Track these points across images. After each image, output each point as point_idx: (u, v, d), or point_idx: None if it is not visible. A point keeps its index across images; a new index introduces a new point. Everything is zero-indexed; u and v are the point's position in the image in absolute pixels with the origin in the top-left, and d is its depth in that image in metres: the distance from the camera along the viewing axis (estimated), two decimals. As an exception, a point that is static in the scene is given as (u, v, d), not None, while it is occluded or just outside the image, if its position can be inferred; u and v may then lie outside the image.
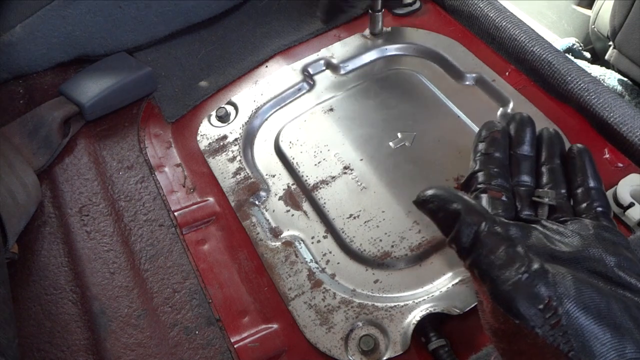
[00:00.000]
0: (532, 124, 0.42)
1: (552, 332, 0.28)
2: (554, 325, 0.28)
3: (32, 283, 0.53)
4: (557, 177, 0.40)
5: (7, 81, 0.70)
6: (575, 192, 0.39)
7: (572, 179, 0.40)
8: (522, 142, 0.41)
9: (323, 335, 0.47)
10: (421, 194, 0.34)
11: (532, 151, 0.41)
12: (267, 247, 0.53)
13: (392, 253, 0.50)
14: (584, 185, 0.39)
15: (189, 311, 0.50)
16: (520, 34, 0.63)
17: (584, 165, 0.40)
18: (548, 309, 0.28)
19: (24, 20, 0.67)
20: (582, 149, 0.41)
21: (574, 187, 0.39)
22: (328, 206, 0.54)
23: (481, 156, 0.39)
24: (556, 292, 0.29)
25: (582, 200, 0.38)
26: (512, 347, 0.30)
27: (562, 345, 0.28)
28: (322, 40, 0.71)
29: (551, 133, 0.42)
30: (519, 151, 0.41)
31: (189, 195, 0.58)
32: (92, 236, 0.56)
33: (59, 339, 0.49)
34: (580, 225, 0.36)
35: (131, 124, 0.66)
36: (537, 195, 0.39)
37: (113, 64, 0.68)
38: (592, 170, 0.40)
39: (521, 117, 0.42)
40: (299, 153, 0.59)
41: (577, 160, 0.40)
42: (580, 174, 0.40)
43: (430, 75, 0.64)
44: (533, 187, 0.40)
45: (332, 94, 0.64)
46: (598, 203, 0.38)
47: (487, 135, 0.40)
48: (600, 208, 0.38)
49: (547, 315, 0.28)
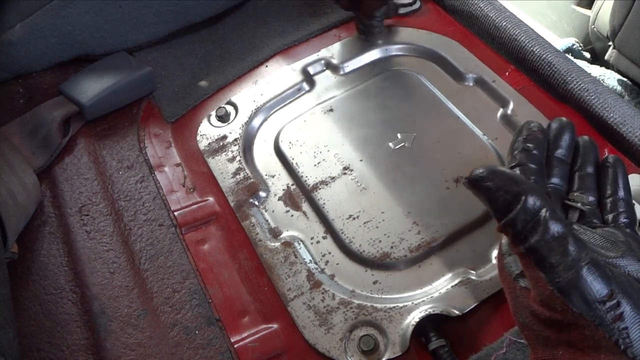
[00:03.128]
0: (573, 130, 0.42)
1: (612, 326, 0.28)
2: (615, 319, 0.28)
3: (32, 283, 0.53)
4: (588, 184, 0.40)
5: (7, 81, 0.70)
6: (605, 201, 0.40)
7: (602, 188, 0.41)
8: (559, 146, 0.41)
9: (322, 335, 0.47)
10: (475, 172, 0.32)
11: (569, 156, 0.42)
12: (267, 247, 0.53)
13: (392, 254, 0.50)
14: (614, 196, 0.40)
15: (189, 311, 0.50)
16: (520, 34, 0.63)
17: (616, 176, 0.41)
18: (610, 301, 0.28)
19: (24, 19, 0.67)
20: (616, 160, 0.41)
21: (604, 196, 0.40)
22: (327, 207, 0.54)
23: (521, 152, 0.39)
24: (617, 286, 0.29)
25: (611, 210, 0.39)
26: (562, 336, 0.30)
27: (620, 340, 0.28)
28: (322, 40, 0.70)
29: (587, 141, 0.43)
30: (555, 154, 0.41)
31: (188, 195, 0.58)
32: (92, 236, 0.56)
33: (58, 339, 0.49)
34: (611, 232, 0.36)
35: (131, 123, 0.66)
36: (570, 199, 0.39)
37: (113, 64, 0.67)
38: (624, 182, 0.40)
39: (562, 122, 0.42)
40: (299, 153, 0.59)
41: (611, 170, 0.41)
42: (612, 184, 0.40)
43: (430, 76, 0.64)
44: (565, 191, 0.40)
45: (332, 94, 0.64)
46: (625, 215, 0.39)
47: (528, 133, 0.40)
48: (627, 220, 0.38)
49: (609, 308, 0.28)
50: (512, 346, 0.42)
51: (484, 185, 0.31)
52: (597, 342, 0.28)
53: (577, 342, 0.29)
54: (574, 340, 0.29)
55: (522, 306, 0.33)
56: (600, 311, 0.28)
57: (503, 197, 0.30)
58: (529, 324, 0.32)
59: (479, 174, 0.31)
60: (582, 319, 0.28)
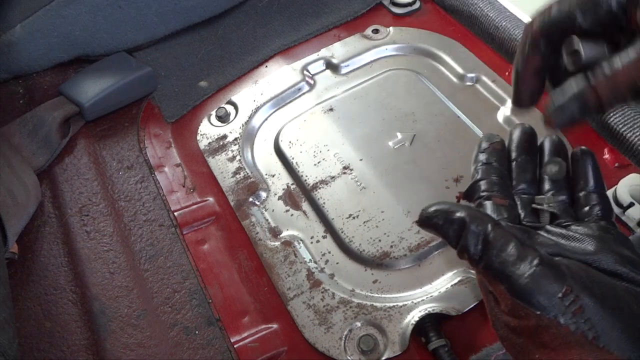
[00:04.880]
0: (533, 134, 0.43)
1: (574, 319, 0.29)
2: (575, 312, 0.29)
3: (32, 283, 0.53)
4: (557, 183, 0.40)
5: (7, 81, 0.70)
6: (578, 196, 0.40)
7: (575, 183, 0.40)
8: (521, 152, 0.42)
9: (322, 335, 0.47)
10: (423, 212, 0.34)
11: (533, 160, 0.42)
12: (267, 246, 0.53)
13: (391, 253, 0.50)
14: (585, 189, 0.39)
15: (189, 311, 0.50)
16: (520, 34, 0.63)
17: (585, 168, 0.40)
18: (567, 297, 0.29)
19: (24, 20, 0.67)
20: (584, 152, 0.41)
21: (577, 191, 0.40)
22: (327, 206, 0.54)
23: (482, 165, 0.40)
24: (573, 281, 0.30)
25: (583, 204, 0.39)
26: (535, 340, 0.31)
27: (586, 331, 0.28)
28: (322, 40, 0.71)
29: (553, 140, 0.42)
30: (519, 160, 0.41)
31: (188, 195, 0.58)
32: (92, 236, 0.56)
33: (59, 339, 0.49)
34: (583, 228, 0.36)
35: (131, 124, 0.66)
36: (536, 202, 0.39)
37: (113, 64, 0.68)
38: (595, 173, 0.40)
39: (522, 127, 0.43)
40: (299, 153, 0.59)
41: (580, 162, 0.41)
42: (582, 178, 0.40)
43: (430, 75, 0.64)
44: (534, 195, 0.40)
45: (332, 94, 0.64)
46: (599, 207, 0.38)
47: (487, 146, 0.41)
48: (601, 212, 0.38)
49: (568, 303, 0.29)
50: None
51: (432, 223, 0.34)
52: (566, 339, 0.29)
53: (548, 343, 0.30)
54: (545, 341, 0.30)
55: (496, 319, 0.34)
56: (559, 307, 0.29)
57: (452, 229, 0.33)
58: (505, 335, 0.33)
59: (425, 214, 0.34)
60: (544, 318, 0.29)
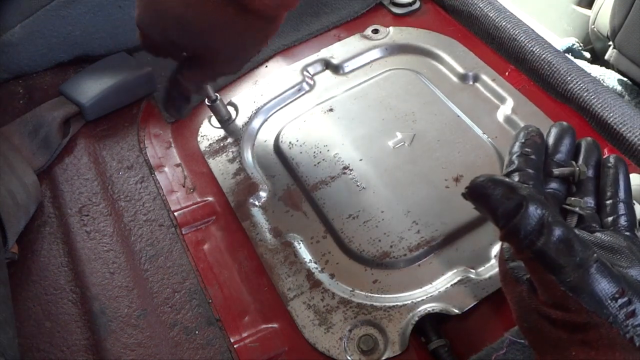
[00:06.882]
0: (573, 134, 0.42)
1: (625, 323, 0.28)
2: (628, 316, 0.28)
3: (32, 283, 0.53)
4: (587, 188, 0.40)
5: (7, 81, 0.70)
6: (605, 204, 0.40)
7: (603, 190, 0.40)
8: (558, 151, 0.41)
9: (322, 335, 0.47)
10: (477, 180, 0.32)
11: (568, 160, 0.41)
12: (267, 247, 0.53)
13: (391, 253, 0.50)
14: (614, 198, 0.39)
15: (189, 311, 0.50)
16: (520, 34, 0.63)
17: (617, 177, 0.40)
18: (622, 299, 0.28)
19: (24, 20, 0.67)
20: (618, 160, 0.41)
21: (605, 198, 0.40)
22: (327, 206, 0.54)
23: (519, 157, 0.39)
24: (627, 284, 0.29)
25: (610, 212, 0.39)
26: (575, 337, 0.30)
27: (635, 338, 0.28)
28: (322, 40, 0.70)
29: (589, 143, 0.42)
30: (555, 159, 0.41)
31: (188, 195, 0.58)
32: (92, 236, 0.56)
33: (59, 339, 0.49)
34: (609, 237, 0.36)
35: (131, 124, 0.66)
36: (568, 204, 0.39)
37: (113, 64, 0.67)
38: (625, 184, 0.40)
39: (562, 126, 0.42)
40: (299, 153, 0.59)
41: (612, 170, 0.40)
42: (612, 186, 0.40)
43: (430, 75, 0.64)
44: (563, 195, 0.40)
45: (332, 94, 0.64)
46: (625, 217, 0.38)
47: (527, 137, 0.40)
48: (627, 222, 0.38)
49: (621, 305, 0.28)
50: (512, 346, 0.42)
51: (485, 194, 0.31)
52: (612, 340, 0.28)
53: (592, 341, 0.29)
54: (589, 339, 0.29)
55: (529, 310, 0.33)
56: (612, 308, 0.28)
57: (505, 205, 0.30)
58: (538, 327, 0.32)
59: (480, 182, 0.31)
60: (596, 317, 0.29)
